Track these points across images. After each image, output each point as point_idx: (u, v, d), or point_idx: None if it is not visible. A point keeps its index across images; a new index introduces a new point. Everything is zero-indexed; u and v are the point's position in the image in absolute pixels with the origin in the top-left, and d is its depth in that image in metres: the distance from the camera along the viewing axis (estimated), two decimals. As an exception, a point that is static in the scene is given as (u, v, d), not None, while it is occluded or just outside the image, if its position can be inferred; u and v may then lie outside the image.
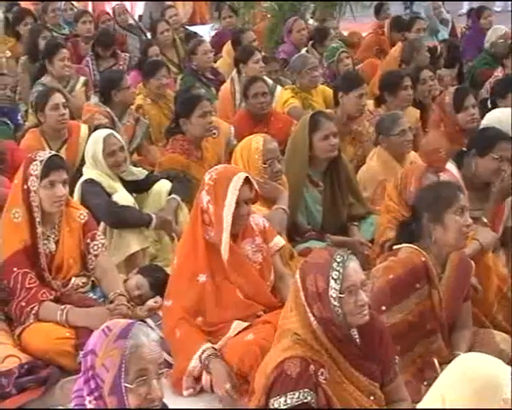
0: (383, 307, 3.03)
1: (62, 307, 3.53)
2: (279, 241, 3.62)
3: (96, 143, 4.38)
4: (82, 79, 6.27)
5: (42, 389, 3.28)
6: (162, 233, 4.49)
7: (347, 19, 9.29)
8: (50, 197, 3.61)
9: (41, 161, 3.61)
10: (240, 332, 3.31)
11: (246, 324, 3.32)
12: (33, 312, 3.51)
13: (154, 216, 4.31)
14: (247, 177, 3.42)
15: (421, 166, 4.07)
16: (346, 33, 8.92)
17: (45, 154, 3.71)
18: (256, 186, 3.53)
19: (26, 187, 3.61)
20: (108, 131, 4.57)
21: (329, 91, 6.09)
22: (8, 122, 5.72)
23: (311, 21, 9.07)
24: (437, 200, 3.14)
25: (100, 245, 3.80)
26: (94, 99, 5.77)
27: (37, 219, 3.61)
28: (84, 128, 5.08)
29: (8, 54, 7.64)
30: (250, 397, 3.01)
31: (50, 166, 3.61)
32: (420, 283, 3.09)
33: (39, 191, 3.59)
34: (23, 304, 3.53)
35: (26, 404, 3.26)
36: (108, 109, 5.42)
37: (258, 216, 3.62)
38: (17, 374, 3.27)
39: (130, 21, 9.32)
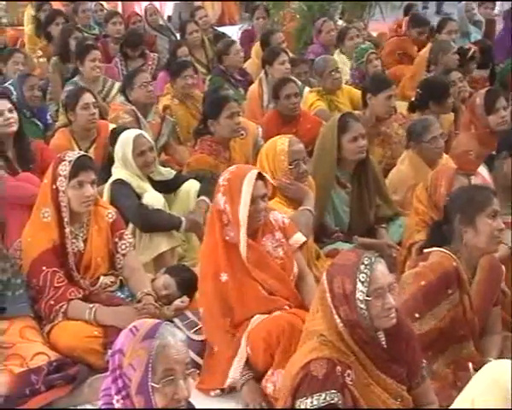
0: (416, 315, 3.01)
1: (91, 305, 3.56)
2: (300, 238, 3.61)
3: (125, 143, 4.40)
4: (117, 84, 6.28)
5: (70, 386, 3.30)
6: (190, 233, 4.50)
7: (377, 20, 9.24)
8: (79, 197, 3.64)
9: (70, 162, 3.64)
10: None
11: (266, 315, 3.33)
12: (62, 310, 3.55)
13: (183, 219, 4.31)
14: (260, 173, 3.46)
15: (452, 168, 4.03)
16: (375, 34, 8.88)
17: (74, 154, 3.74)
18: (271, 181, 3.58)
19: (54, 187, 3.64)
20: (138, 131, 4.60)
21: (356, 92, 6.07)
22: (38, 122, 5.78)
23: (340, 22, 9.04)
24: (470, 202, 3.12)
25: (128, 244, 3.82)
26: (120, 98, 5.81)
27: (66, 219, 3.64)
28: (111, 127, 5.12)
29: (40, 54, 7.73)
30: (273, 370, 3.09)
31: (79, 166, 3.64)
32: (451, 288, 3.06)
33: (68, 191, 3.62)
34: (52, 302, 3.56)
35: (54, 401, 3.28)
36: (133, 108, 5.45)
37: (278, 212, 3.63)
38: (46, 371, 3.29)
39: (161, 22, 9.37)
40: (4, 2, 10.64)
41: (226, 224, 3.40)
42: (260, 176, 3.45)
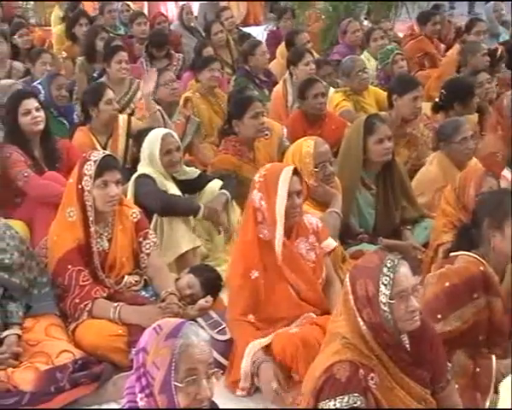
0: (439, 316, 2.98)
1: (115, 304, 3.58)
2: (331, 243, 3.62)
3: (153, 141, 4.42)
4: (143, 84, 6.30)
5: (95, 385, 3.32)
6: (214, 233, 4.51)
7: (403, 20, 9.17)
8: (103, 197, 3.66)
9: (95, 161, 3.66)
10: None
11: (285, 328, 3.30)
12: (87, 309, 3.57)
13: (202, 205, 4.35)
14: (295, 169, 3.47)
15: (481, 169, 4.00)
16: (401, 35, 8.81)
17: (99, 154, 3.76)
18: (306, 180, 3.60)
19: (80, 186, 3.67)
20: (166, 130, 4.63)
21: (381, 93, 6.04)
22: (64, 121, 5.82)
23: (365, 23, 9.00)
24: (499, 207, 3.08)
25: (152, 244, 3.84)
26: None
27: (91, 219, 3.67)
28: (121, 118, 5.16)
29: (64, 55, 7.79)
30: (297, 391, 3.01)
31: (104, 166, 3.66)
32: (477, 293, 3.02)
33: (93, 191, 3.65)
34: (77, 301, 3.59)
35: (79, 399, 3.30)
36: (159, 107, 5.48)
37: (312, 216, 3.64)
38: (71, 369, 3.31)
39: (192, 23, 9.41)
40: (32, 3, 10.76)
41: (261, 221, 3.40)
42: (296, 172, 3.46)
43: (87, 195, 3.65)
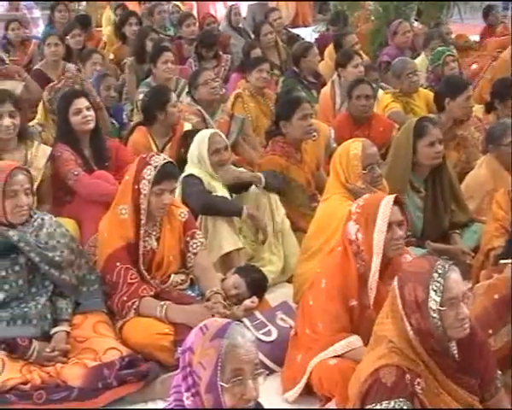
0: (490, 331, 2.93)
1: (162, 303, 3.61)
2: None
3: (201, 142, 4.45)
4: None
5: (142, 383, 3.35)
6: (258, 237, 4.51)
7: (455, 21, 9.04)
8: (157, 204, 3.70)
9: (155, 167, 3.69)
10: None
11: (360, 343, 3.15)
12: (134, 306, 3.61)
13: (245, 207, 4.35)
14: (396, 198, 3.22)
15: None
16: (453, 36, 8.70)
17: (160, 159, 3.75)
18: (353, 183, 3.53)
19: (136, 187, 3.70)
20: (213, 130, 4.65)
21: (432, 95, 5.96)
22: (114, 121, 5.89)
23: (415, 24, 8.90)
24: None
25: (199, 244, 3.86)
26: (186, 99, 5.87)
27: (143, 221, 3.70)
28: (187, 126, 5.18)
29: (112, 57, 7.87)
30: None
31: (164, 174, 3.69)
32: None
33: (149, 196, 3.67)
34: (124, 298, 3.62)
35: (126, 397, 3.34)
36: (199, 107, 5.50)
37: (410, 256, 3.37)
38: (118, 366, 3.34)
39: (240, 24, 9.44)
40: (84, 4, 10.92)
41: (355, 254, 3.20)
42: (396, 201, 3.21)
43: (143, 198, 3.68)
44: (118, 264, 3.65)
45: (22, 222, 3.59)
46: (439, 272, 2.56)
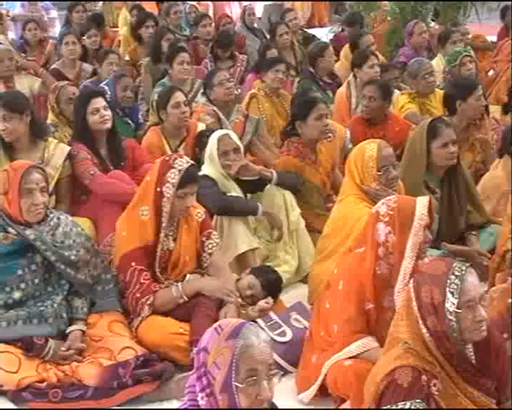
0: (505, 335, 2.91)
1: (175, 284, 3.65)
2: None
3: (212, 143, 4.46)
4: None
5: (157, 383, 3.36)
6: (274, 234, 4.51)
7: (472, 22, 8.98)
8: (180, 206, 3.71)
9: (179, 171, 3.68)
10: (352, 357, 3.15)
11: (375, 344, 3.13)
12: (148, 302, 3.61)
13: (260, 205, 4.36)
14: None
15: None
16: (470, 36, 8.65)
17: (183, 162, 3.73)
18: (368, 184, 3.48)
19: (159, 190, 3.69)
20: (224, 131, 4.64)
21: (449, 96, 5.93)
22: (129, 121, 5.91)
23: (432, 24, 8.85)
24: None
25: (214, 244, 3.86)
26: (201, 99, 5.88)
27: (164, 224, 3.71)
28: (200, 126, 5.18)
29: (127, 58, 7.90)
30: None
31: (188, 178, 3.69)
32: None
33: (172, 199, 3.68)
34: (138, 295, 3.63)
35: (141, 396, 3.35)
36: (215, 108, 5.50)
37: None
38: (133, 366, 3.36)
39: (255, 24, 9.44)
40: (101, 4, 10.96)
41: (382, 257, 3.15)
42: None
43: (165, 201, 3.68)
44: (133, 264, 3.66)
45: (38, 221, 3.61)
46: (456, 273, 2.54)
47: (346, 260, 3.33)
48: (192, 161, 3.85)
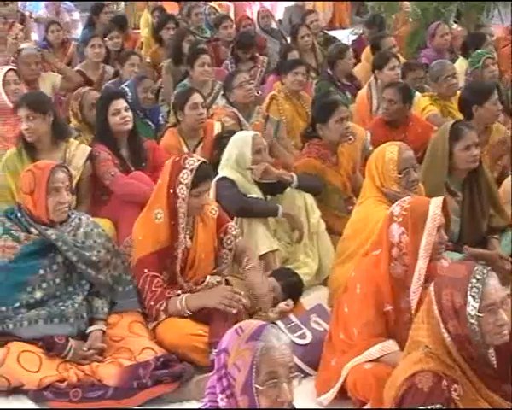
0: None
1: (180, 296, 3.61)
2: None
3: (243, 143, 4.44)
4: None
5: (176, 384, 3.36)
6: (294, 236, 4.50)
7: (495, 23, 8.89)
8: (196, 205, 3.71)
9: (191, 170, 3.68)
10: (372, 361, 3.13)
11: (396, 348, 3.10)
12: (162, 308, 3.60)
13: (280, 206, 4.36)
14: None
15: None
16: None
17: (194, 161, 3.73)
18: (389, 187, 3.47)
19: (172, 192, 3.68)
20: (253, 132, 4.66)
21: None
22: (150, 123, 5.93)
23: (454, 26, 8.79)
24: None
25: (232, 238, 3.87)
26: (221, 101, 5.88)
27: (182, 225, 3.69)
28: (217, 126, 5.18)
29: (148, 60, 7.93)
30: None
31: (200, 176, 3.69)
32: None
33: (187, 199, 3.68)
34: (152, 303, 3.63)
35: (161, 396, 3.35)
36: (235, 110, 5.50)
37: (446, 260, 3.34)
38: (153, 366, 3.36)
39: (273, 25, 9.43)
40: (122, 5, 11.02)
41: (395, 258, 3.14)
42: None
43: (181, 202, 3.67)
44: (145, 270, 3.65)
45: (62, 220, 3.64)
46: (478, 277, 2.53)
47: (363, 262, 3.32)
48: (202, 158, 3.85)
